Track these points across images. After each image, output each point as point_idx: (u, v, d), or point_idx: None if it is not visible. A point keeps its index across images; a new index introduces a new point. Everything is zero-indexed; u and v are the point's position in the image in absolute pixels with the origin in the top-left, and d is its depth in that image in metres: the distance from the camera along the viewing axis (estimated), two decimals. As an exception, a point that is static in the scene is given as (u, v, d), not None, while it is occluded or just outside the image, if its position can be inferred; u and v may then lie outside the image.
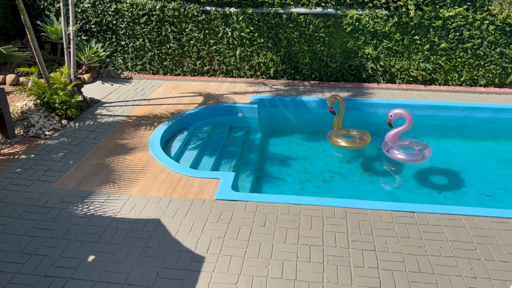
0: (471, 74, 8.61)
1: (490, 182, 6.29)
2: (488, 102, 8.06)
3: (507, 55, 8.32)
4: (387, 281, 3.83)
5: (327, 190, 6.18)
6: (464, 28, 8.21)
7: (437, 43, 8.39)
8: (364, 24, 8.41)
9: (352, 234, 4.43)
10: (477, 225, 4.57)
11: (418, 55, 8.55)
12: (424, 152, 6.32)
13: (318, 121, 8.04)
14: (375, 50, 8.61)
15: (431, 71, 8.67)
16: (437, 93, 8.48)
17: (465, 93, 8.48)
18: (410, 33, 8.39)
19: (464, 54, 8.41)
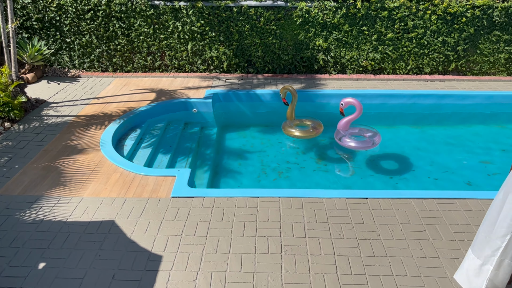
0: (417, 63, 8.95)
1: (437, 166, 6.59)
2: (433, 89, 8.42)
3: (449, 44, 8.71)
4: (343, 267, 3.93)
5: (284, 182, 6.25)
6: (408, 19, 8.50)
7: (384, 34, 8.65)
8: (314, 16, 8.53)
9: (308, 223, 4.51)
10: (426, 207, 4.78)
11: (366, 45, 8.78)
12: (374, 139, 6.53)
13: (273, 114, 8.10)
14: (326, 41, 8.76)
15: (379, 61, 8.93)
16: (385, 82, 8.76)
17: (412, 81, 8.82)
18: (358, 24, 8.59)
19: (409, 44, 8.72)
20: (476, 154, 6.90)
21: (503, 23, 8.54)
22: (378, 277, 3.83)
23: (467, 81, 8.82)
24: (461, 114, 8.15)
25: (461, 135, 7.49)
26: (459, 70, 9.10)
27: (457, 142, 7.25)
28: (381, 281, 3.78)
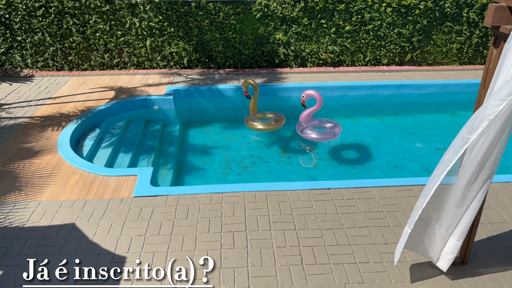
0: (375, 54, 9.16)
1: (396, 154, 6.79)
2: (391, 80, 8.65)
3: (404, 35, 8.97)
4: (308, 257, 3.99)
5: (249, 176, 6.27)
6: (365, 11, 8.68)
7: (342, 26, 8.80)
8: (273, 10, 8.56)
9: (273, 216, 4.54)
10: (386, 195, 4.92)
11: (325, 38, 8.90)
12: (334, 130, 6.66)
13: (236, 109, 8.09)
14: (285, 35, 8.82)
15: (338, 53, 9.09)
16: (345, 74, 8.92)
17: (370, 72, 9.02)
18: (317, 17, 8.69)
19: (367, 36, 8.91)
20: (432, 141, 7.15)
21: (454, 14, 8.87)
22: (342, 265, 3.91)
23: (423, 71, 9.12)
24: (417, 103, 8.42)
25: (418, 124, 7.74)
26: (414, 61, 9.39)
27: (414, 131, 7.50)
28: (345, 269, 3.87)
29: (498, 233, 4.32)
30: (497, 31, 3.10)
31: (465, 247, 3.83)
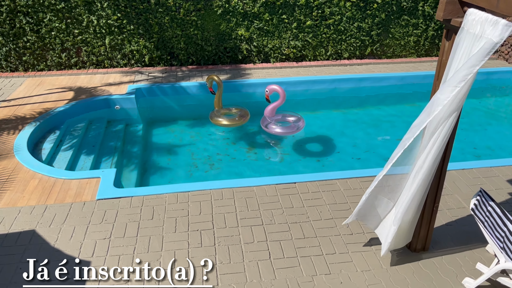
0: (336, 48, 9.30)
1: (360, 146, 6.94)
2: (352, 73, 8.82)
3: (364, 29, 9.15)
4: (276, 252, 4.03)
5: (215, 173, 6.24)
6: (325, 6, 8.79)
7: (303, 21, 8.88)
8: (234, 6, 8.52)
9: (240, 213, 4.55)
10: (350, 186, 5.02)
11: (287, 33, 8.96)
12: (298, 124, 6.73)
13: (201, 106, 8.02)
14: (248, 31, 8.81)
15: (300, 48, 9.17)
16: (308, 68, 9.01)
17: (332, 66, 9.16)
18: (278, 12, 8.73)
19: (327, 30, 9.03)
20: (394, 132, 7.35)
21: (410, 8, 9.12)
22: (309, 257, 3.97)
23: (382, 64, 9.34)
24: (379, 96, 8.63)
25: (380, 116, 7.93)
26: (374, 54, 9.60)
27: (377, 123, 7.68)
28: (313, 261, 3.92)
29: (456, 219, 4.50)
30: (449, 24, 3.21)
31: (425, 234, 3.96)
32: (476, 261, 3.93)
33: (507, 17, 2.93)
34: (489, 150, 6.73)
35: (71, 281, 3.67)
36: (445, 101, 3.07)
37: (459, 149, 6.67)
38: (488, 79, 8.85)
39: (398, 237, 3.77)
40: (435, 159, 3.36)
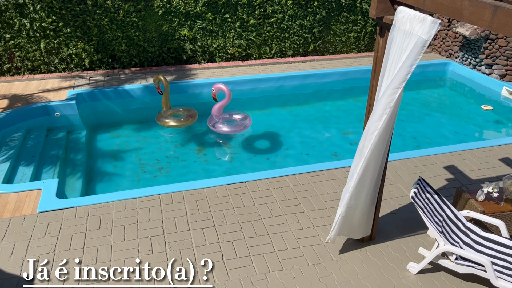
0: (280, 46, 9.43)
1: (307, 142, 7.08)
2: (297, 70, 8.97)
3: (306, 26, 9.33)
4: (228, 252, 4.02)
5: (165, 177, 6.13)
6: (267, 4, 8.87)
7: (246, 20, 8.91)
8: (176, 6, 8.40)
9: (191, 216, 4.50)
10: (299, 182, 5.12)
11: (231, 32, 8.96)
12: (245, 122, 6.78)
13: (147, 109, 7.85)
14: (191, 31, 8.71)
15: (245, 47, 9.20)
16: (253, 67, 9.07)
17: (277, 64, 9.27)
18: (221, 12, 8.71)
19: (271, 29, 9.13)
20: (339, 127, 7.56)
21: (349, 5, 9.42)
22: (262, 255, 4.00)
23: (326, 60, 9.58)
24: (323, 92, 8.84)
25: (325, 111, 8.14)
26: (317, 51, 9.82)
27: (322, 118, 7.87)
28: (265, 259, 3.96)
29: (399, 207, 4.71)
30: (381, 22, 3.34)
31: (371, 224, 4.11)
32: (419, 246, 4.14)
33: (435, 14, 3.10)
34: (428, 139, 7.09)
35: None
36: (391, 103, 3.19)
37: (400, 140, 6.99)
38: (424, 72, 9.33)
39: (353, 228, 3.90)
40: (376, 151, 3.49)
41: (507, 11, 2.24)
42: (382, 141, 3.44)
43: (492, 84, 8.65)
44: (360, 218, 3.86)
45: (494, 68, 8.73)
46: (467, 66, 9.29)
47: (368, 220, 3.93)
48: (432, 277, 3.79)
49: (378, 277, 3.79)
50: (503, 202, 4.15)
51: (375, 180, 3.66)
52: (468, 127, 7.55)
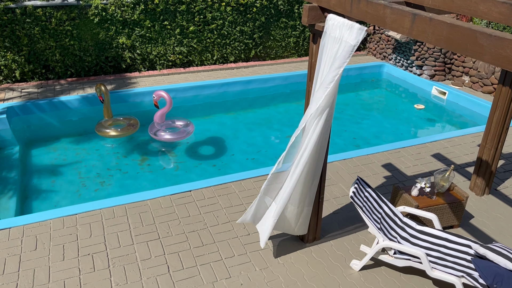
0: (222, 53, 9.45)
1: (253, 147, 7.14)
2: (240, 76, 9.03)
3: (246, 32, 9.43)
4: (175, 264, 3.96)
5: (107, 191, 5.92)
6: (206, 11, 8.87)
7: (186, 27, 8.85)
8: (112, 14, 8.18)
9: (135, 229, 4.39)
10: (244, 187, 5.14)
11: (171, 39, 8.86)
12: (187, 129, 6.73)
13: (85, 120, 7.55)
14: (129, 39, 8.52)
15: (186, 54, 9.13)
16: (196, 74, 9.02)
17: (220, 70, 9.28)
18: (159, 19, 8.59)
19: (211, 35, 9.13)
20: (283, 130, 7.69)
21: (287, 11, 9.63)
22: (209, 264, 3.97)
23: (267, 66, 9.72)
24: (266, 97, 8.96)
25: (269, 115, 8.25)
26: (259, 56, 9.95)
27: (266, 123, 7.97)
28: (212, 268, 3.94)
29: (341, 206, 4.87)
30: (313, 29, 3.45)
31: (315, 225, 4.22)
32: (361, 244, 4.29)
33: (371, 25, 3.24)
34: (367, 139, 7.39)
35: None
36: (319, 100, 3.31)
37: (341, 140, 7.22)
38: (361, 74, 9.73)
39: (288, 226, 3.99)
40: (313, 153, 3.59)
41: (424, 19, 2.39)
42: (316, 144, 3.55)
43: (423, 84, 9.19)
44: (295, 217, 3.94)
45: (424, 69, 9.28)
46: (400, 68, 9.80)
47: (304, 220, 4.02)
48: (373, 273, 3.95)
49: (324, 277, 3.88)
50: (435, 196, 4.41)
51: (309, 182, 3.76)
52: (403, 125, 7.95)
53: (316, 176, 3.77)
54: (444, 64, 9.16)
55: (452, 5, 3.16)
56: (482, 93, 8.55)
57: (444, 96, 8.77)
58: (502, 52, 1.97)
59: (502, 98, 4.63)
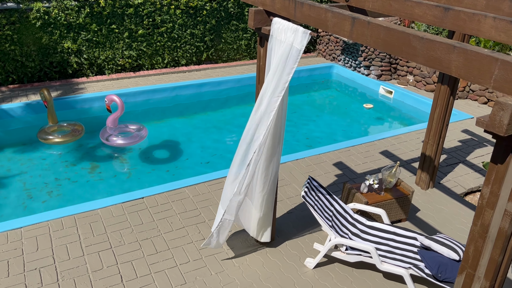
0: (173, 56, 9.34)
1: (207, 150, 7.10)
2: (192, 79, 8.96)
3: (197, 35, 9.37)
4: (128, 273, 3.87)
5: (56, 201, 5.69)
6: (155, 14, 8.73)
7: (135, 30, 8.68)
8: (55, 17, 7.87)
9: (85, 240, 4.25)
10: (199, 192, 5.11)
11: (120, 43, 8.65)
12: (141, 133, 6.62)
13: (30, 128, 7.22)
14: (75, 43, 8.23)
15: (136, 58, 8.95)
16: (146, 78, 8.86)
17: (171, 74, 9.17)
18: (106, 22, 8.36)
19: (161, 38, 9.00)
20: (237, 133, 7.71)
21: (238, 13, 9.67)
22: (164, 271, 3.92)
23: (220, 68, 9.71)
24: (219, 99, 8.95)
25: (223, 118, 8.24)
26: (211, 59, 9.92)
27: (220, 125, 7.95)
28: (167, 275, 3.88)
29: (295, 206, 4.95)
30: (260, 32, 3.49)
31: (269, 229, 4.26)
32: (314, 242, 4.38)
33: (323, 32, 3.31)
34: (319, 139, 7.56)
35: None
36: (273, 111, 3.34)
37: (294, 141, 7.34)
38: (312, 75, 9.94)
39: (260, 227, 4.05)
40: (268, 155, 3.64)
41: (362, 23, 2.49)
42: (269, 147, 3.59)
43: (371, 84, 9.52)
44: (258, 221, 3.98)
45: (371, 69, 9.61)
46: (348, 68, 10.10)
47: (265, 223, 4.07)
48: (327, 269, 4.04)
49: (279, 277, 3.93)
50: (383, 192, 4.58)
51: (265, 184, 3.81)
52: (353, 125, 8.20)
53: (271, 177, 3.82)
54: (390, 64, 9.53)
55: (390, 8, 3.30)
56: (426, 91, 8.98)
57: (390, 95, 9.12)
58: (433, 54, 2.09)
59: (441, 96, 4.89)
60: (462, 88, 8.58)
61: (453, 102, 4.90)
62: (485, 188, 2.08)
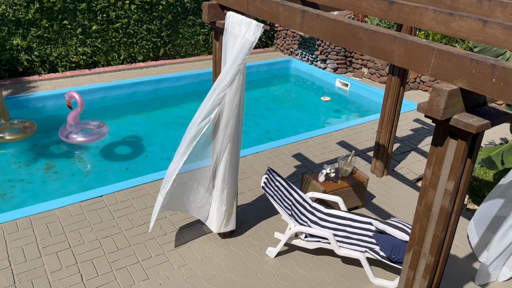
0: (129, 52, 9.17)
1: (167, 146, 7.06)
2: (149, 75, 8.85)
3: (153, 31, 9.25)
4: (88, 272, 3.82)
5: (10, 204, 5.49)
6: (109, 9, 8.54)
7: (89, 26, 8.46)
8: (3, 13, 7.54)
9: (42, 241, 4.15)
10: (159, 188, 5.09)
11: (73, 40, 8.40)
12: (102, 130, 6.50)
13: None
14: (25, 40, 7.93)
15: (91, 54, 8.73)
16: (102, 74, 8.66)
17: (128, 70, 9.01)
18: (58, 18, 8.10)
19: (116, 34, 8.82)
20: (196, 128, 7.69)
21: (194, 8, 9.62)
22: (125, 268, 3.89)
23: (178, 64, 9.63)
24: (178, 95, 8.89)
25: (183, 114, 8.20)
26: (168, 55, 9.82)
27: (180, 121, 7.91)
28: (129, 271, 3.87)
29: (256, 197, 5.03)
30: (215, 26, 3.52)
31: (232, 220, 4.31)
32: (275, 231, 4.48)
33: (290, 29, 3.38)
34: (279, 132, 7.68)
35: None
36: (218, 101, 3.39)
37: (255, 135, 7.42)
38: (270, 70, 10.05)
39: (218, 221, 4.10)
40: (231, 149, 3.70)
41: (312, 15, 2.58)
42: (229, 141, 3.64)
43: (328, 77, 9.75)
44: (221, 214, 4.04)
45: (328, 63, 9.84)
46: (306, 62, 10.29)
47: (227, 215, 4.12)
48: (288, 257, 4.15)
49: (241, 267, 4.00)
50: (340, 180, 4.74)
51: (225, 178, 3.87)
52: (311, 117, 8.38)
53: (232, 171, 3.88)
54: (345, 58, 9.79)
55: (340, 2, 3.42)
56: (379, 83, 9.30)
57: (346, 88, 9.38)
58: (377, 45, 2.20)
59: (392, 87, 5.10)
60: (413, 79, 8.96)
61: (403, 92, 5.12)
62: (427, 170, 2.23)
